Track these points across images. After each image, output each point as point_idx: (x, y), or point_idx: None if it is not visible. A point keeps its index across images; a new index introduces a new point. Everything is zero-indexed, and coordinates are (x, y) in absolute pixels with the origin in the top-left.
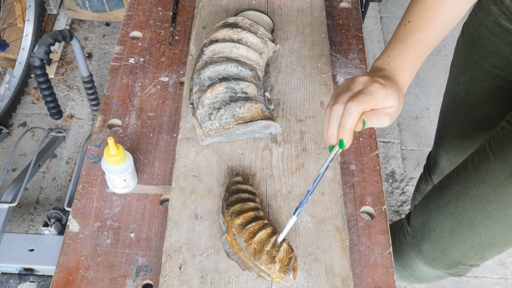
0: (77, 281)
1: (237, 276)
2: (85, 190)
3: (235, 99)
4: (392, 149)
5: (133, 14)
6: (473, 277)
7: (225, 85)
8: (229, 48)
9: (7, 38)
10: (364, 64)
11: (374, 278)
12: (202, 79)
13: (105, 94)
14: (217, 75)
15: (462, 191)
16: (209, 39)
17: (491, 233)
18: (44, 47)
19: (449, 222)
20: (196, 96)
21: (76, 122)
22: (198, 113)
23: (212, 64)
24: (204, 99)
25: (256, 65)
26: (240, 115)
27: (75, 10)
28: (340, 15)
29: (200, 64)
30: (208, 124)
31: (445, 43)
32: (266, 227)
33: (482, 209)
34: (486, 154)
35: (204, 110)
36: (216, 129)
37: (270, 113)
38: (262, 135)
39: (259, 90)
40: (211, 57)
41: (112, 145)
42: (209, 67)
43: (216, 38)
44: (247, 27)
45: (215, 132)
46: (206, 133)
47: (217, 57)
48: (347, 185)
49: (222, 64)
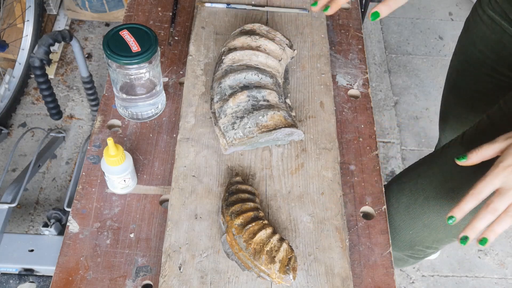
0: (76, 281)
1: (236, 276)
2: (84, 190)
3: (258, 107)
4: (392, 149)
5: (132, 14)
6: (473, 277)
7: (246, 94)
8: (248, 56)
9: (7, 38)
10: (364, 65)
11: (374, 278)
12: (223, 88)
13: (104, 95)
14: (238, 84)
15: (425, 170)
16: (227, 47)
17: (444, 212)
18: (43, 48)
19: (406, 198)
20: (218, 105)
21: (76, 123)
22: (220, 123)
23: (232, 73)
24: (226, 108)
25: (276, 72)
26: (263, 123)
27: (75, 10)
28: (339, 15)
29: (220, 73)
30: (231, 133)
31: (445, 43)
32: (266, 227)
33: (439, 188)
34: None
35: (226, 120)
36: (240, 138)
37: (293, 120)
38: (284, 142)
39: (280, 97)
40: (230, 65)
41: (111, 145)
42: (229, 75)
43: (234, 46)
44: (264, 33)
45: (239, 142)
46: (230, 143)
47: (237, 65)
48: (347, 185)
49: (242, 72)
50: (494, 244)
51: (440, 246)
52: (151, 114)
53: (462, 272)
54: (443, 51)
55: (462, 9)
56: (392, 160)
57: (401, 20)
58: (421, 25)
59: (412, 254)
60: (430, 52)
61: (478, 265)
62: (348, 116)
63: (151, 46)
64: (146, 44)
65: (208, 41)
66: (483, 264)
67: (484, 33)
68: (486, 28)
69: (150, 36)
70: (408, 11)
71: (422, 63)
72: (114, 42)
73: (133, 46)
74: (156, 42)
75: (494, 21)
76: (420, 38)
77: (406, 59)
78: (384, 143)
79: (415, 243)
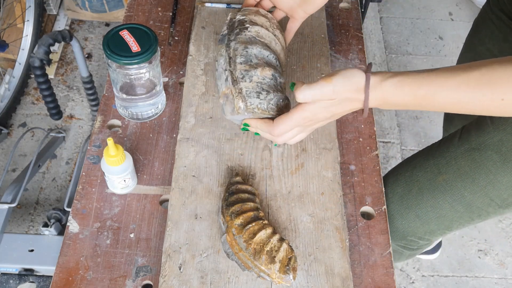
0: (76, 281)
1: (237, 276)
2: (85, 190)
3: (278, 90)
4: (392, 149)
5: (132, 14)
6: (473, 277)
7: (272, 72)
8: (269, 39)
9: (7, 38)
10: (364, 65)
11: (374, 278)
12: (249, 54)
13: (104, 95)
14: (262, 58)
15: (420, 161)
16: (247, 18)
17: (437, 204)
18: (43, 48)
19: (400, 188)
20: (243, 67)
21: (76, 123)
22: (243, 85)
23: (259, 44)
24: (253, 74)
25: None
26: (280, 106)
27: (75, 10)
28: (339, 15)
29: (245, 38)
30: (255, 101)
31: (445, 43)
32: (266, 227)
33: (433, 179)
34: (455, 134)
35: (251, 86)
36: (263, 110)
37: None
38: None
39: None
40: (255, 37)
41: (111, 145)
42: (257, 45)
43: (255, 22)
44: (277, 25)
45: (261, 112)
46: (251, 109)
47: (261, 41)
48: (347, 185)
49: (266, 50)
50: (494, 244)
51: (432, 238)
52: (151, 114)
53: (462, 272)
54: (443, 51)
55: (462, 9)
56: (392, 160)
57: (401, 20)
58: (421, 25)
59: (405, 244)
60: (430, 52)
61: (478, 265)
62: (348, 116)
63: (151, 46)
64: (146, 44)
65: (208, 41)
66: (483, 264)
67: (493, 32)
68: (495, 27)
69: (150, 36)
70: (408, 11)
71: (422, 63)
72: (114, 42)
73: (133, 46)
74: (156, 42)
75: (502, 20)
76: (420, 38)
77: (406, 59)
78: (384, 143)
79: (408, 234)
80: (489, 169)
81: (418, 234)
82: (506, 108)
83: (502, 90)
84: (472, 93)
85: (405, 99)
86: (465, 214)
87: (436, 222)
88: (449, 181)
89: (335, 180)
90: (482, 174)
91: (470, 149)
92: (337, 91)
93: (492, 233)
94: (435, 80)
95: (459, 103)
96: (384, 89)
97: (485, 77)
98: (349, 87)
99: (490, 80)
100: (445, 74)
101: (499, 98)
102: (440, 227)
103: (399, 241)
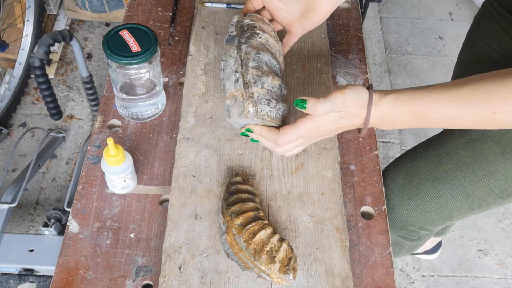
0: (76, 281)
1: (237, 276)
2: (85, 190)
3: (283, 101)
4: (392, 149)
5: (132, 14)
6: (473, 277)
7: (279, 82)
8: (275, 50)
9: (7, 38)
10: (364, 65)
11: (374, 278)
12: (261, 60)
13: (104, 95)
14: (271, 67)
15: (421, 152)
16: (257, 24)
17: (437, 194)
18: (43, 48)
19: (401, 179)
20: (255, 72)
21: (76, 123)
22: (255, 90)
23: (268, 53)
24: (264, 81)
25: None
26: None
27: (75, 10)
28: (339, 15)
29: (256, 43)
30: (266, 108)
31: (445, 43)
32: (266, 227)
33: (433, 170)
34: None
35: (262, 92)
36: (272, 118)
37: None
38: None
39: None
40: (264, 44)
41: (111, 145)
42: (267, 53)
43: (264, 29)
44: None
45: (270, 121)
46: (260, 115)
47: (270, 50)
48: (347, 185)
49: (274, 60)
50: (494, 244)
51: (433, 228)
52: (151, 114)
53: (462, 272)
54: (443, 51)
55: (462, 9)
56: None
57: (401, 20)
58: (421, 25)
59: (406, 235)
60: (430, 52)
61: (478, 265)
62: None
63: (151, 46)
64: (146, 44)
65: (208, 41)
66: (483, 264)
67: (493, 27)
68: (495, 22)
69: (150, 36)
70: (408, 11)
71: (422, 63)
72: (114, 42)
73: (133, 46)
74: (156, 42)
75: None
76: (420, 38)
77: (406, 59)
78: (384, 143)
79: (408, 223)
80: (489, 160)
81: (418, 223)
82: (498, 121)
83: (493, 104)
84: (464, 108)
85: (401, 116)
86: (465, 204)
87: (436, 211)
88: (450, 171)
89: (335, 180)
90: (482, 165)
91: (470, 140)
92: (347, 104)
93: (492, 233)
94: (429, 96)
95: (453, 119)
96: (382, 105)
97: (477, 92)
98: (357, 102)
99: (481, 95)
100: (439, 90)
101: (491, 112)
102: (440, 216)
103: (399, 231)
